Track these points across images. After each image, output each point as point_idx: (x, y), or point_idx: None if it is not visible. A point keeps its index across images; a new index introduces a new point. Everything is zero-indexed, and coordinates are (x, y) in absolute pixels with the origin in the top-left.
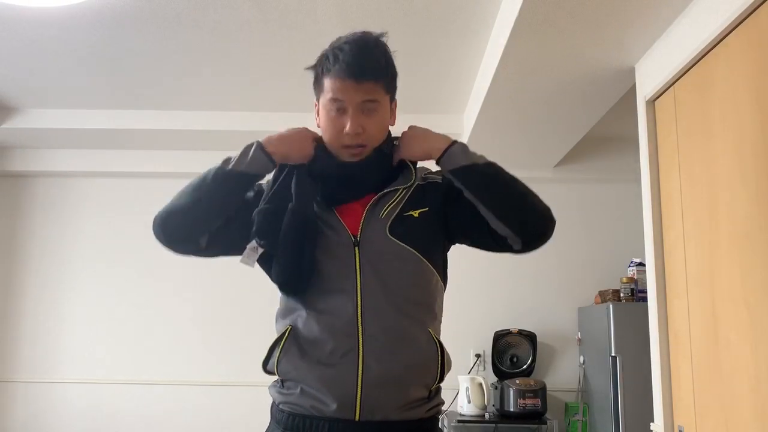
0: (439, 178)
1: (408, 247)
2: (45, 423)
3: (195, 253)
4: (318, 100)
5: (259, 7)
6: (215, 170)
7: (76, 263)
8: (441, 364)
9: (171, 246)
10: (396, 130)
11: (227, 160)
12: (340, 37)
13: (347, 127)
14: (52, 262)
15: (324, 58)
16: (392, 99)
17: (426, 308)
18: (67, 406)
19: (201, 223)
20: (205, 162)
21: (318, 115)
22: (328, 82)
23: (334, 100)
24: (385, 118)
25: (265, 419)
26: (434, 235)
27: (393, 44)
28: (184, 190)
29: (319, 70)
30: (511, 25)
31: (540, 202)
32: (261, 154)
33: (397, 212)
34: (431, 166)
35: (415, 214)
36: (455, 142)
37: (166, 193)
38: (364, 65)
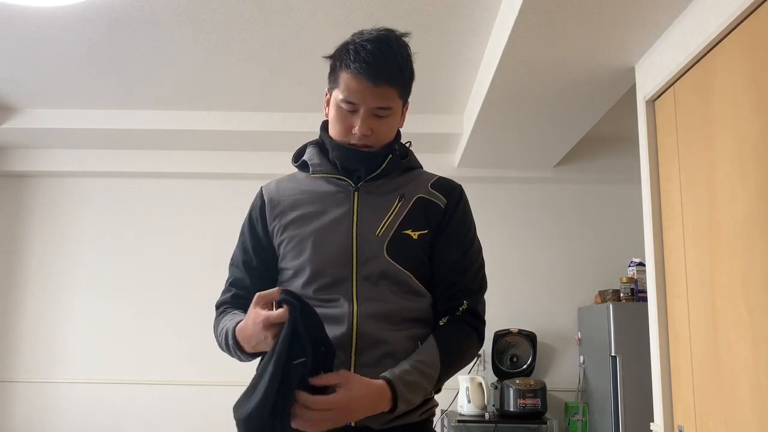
0: (441, 203)
1: (405, 271)
2: (45, 423)
3: None
4: (330, 91)
5: (259, 7)
6: (231, 346)
7: (75, 263)
8: None
9: None
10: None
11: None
12: (362, 32)
13: (356, 128)
14: (52, 262)
15: (344, 50)
16: (405, 103)
17: (417, 322)
18: (67, 406)
19: (253, 357)
20: (204, 162)
21: (327, 105)
22: (344, 78)
23: (347, 101)
24: (396, 122)
25: None
26: (426, 257)
27: None
28: (220, 342)
29: (337, 62)
30: (511, 25)
31: (471, 356)
32: (240, 354)
33: (394, 229)
34: (437, 169)
35: (414, 235)
36: (395, 404)
37: (166, 194)
38: (382, 68)
